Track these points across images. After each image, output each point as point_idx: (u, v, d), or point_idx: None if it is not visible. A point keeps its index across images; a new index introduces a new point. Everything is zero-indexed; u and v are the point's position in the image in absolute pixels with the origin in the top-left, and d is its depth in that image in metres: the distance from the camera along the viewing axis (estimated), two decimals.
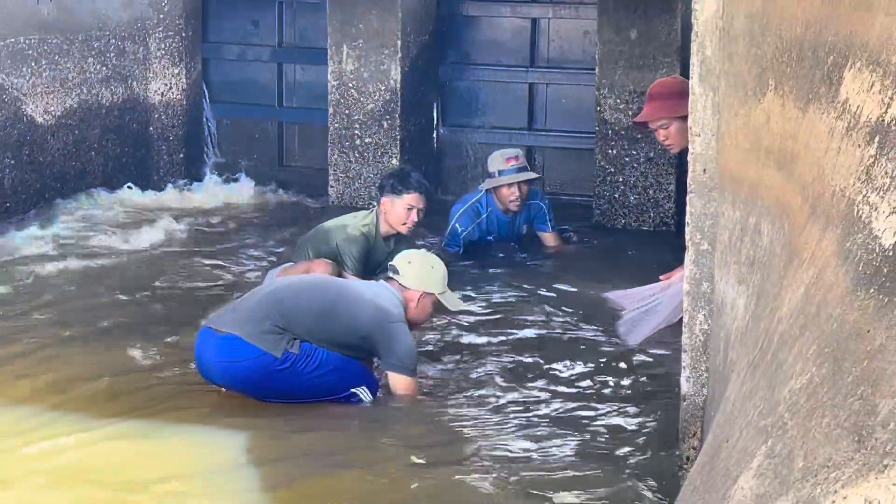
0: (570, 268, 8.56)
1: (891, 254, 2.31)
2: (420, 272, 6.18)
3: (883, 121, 2.56)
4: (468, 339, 7.08)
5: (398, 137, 10.11)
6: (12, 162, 9.45)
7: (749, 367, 3.03)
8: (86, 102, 10.14)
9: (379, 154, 10.14)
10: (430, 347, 6.85)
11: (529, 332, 7.22)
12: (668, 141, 7.13)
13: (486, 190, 8.60)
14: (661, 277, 7.04)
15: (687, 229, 4.60)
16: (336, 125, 10.21)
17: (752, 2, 3.90)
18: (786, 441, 2.37)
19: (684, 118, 6.63)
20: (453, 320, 7.20)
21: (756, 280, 3.58)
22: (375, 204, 7.70)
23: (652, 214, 9.62)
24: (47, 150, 9.80)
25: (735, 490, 2.50)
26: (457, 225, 8.55)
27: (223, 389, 6.03)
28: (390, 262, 6.35)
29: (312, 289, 6.08)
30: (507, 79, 10.47)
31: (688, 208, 4.59)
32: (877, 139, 2.56)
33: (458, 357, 6.77)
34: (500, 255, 8.68)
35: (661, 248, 8.80)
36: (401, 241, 7.46)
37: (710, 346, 4.48)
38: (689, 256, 4.60)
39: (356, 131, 10.17)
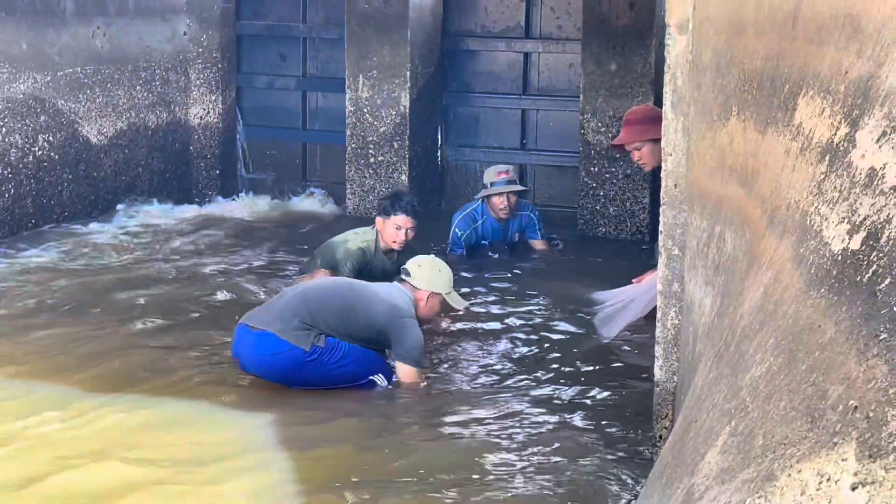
0: (557, 270, 8.56)
1: (839, 258, 2.30)
2: (428, 275, 6.23)
3: (833, 142, 2.56)
4: (469, 330, 7.08)
5: (407, 156, 10.10)
6: (70, 177, 9.45)
7: (715, 358, 3.03)
8: (134, 125, 10.14)
9: (390, 171, 10.14)
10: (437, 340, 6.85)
11: (520, 325, 7.21)
12: (642, 161, 7.22)
13: (481, 199, 8.61)
14: (633, 280, 7.03)
15: (660, 237, 4.59)
16: (353, 145, 10.21)
17: (717, 38, 3.90)
18: (747, 422, 2.37)
19: (655, 141, 6.79)
20: (455, 316, 7.19)
21: (721, 281, 3.57)
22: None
23: (629, 224, 9.61)
24: (100, 166, 9.80)
25: (703, 464, 2.50)
26: (456, 230, 8.56)
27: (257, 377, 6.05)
28: (403, 266, 6.37)
29: (335, 289, 6.10)
30: (503, 105, 10.47)
31: (661, 218, 4.58)
32: (827, 158, 2.56)
33: (458, 348, 6.76)
34: (495, 258, 8.66)
35: (637, 253, 8.81)
36: (403, 254, 7.41)
37: (680, 339, 4.48)
38: (661, 261, 4.59)
39: (370, 151, 10.17)
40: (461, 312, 6.92)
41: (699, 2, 4.27)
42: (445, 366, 6.44)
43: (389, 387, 6.00)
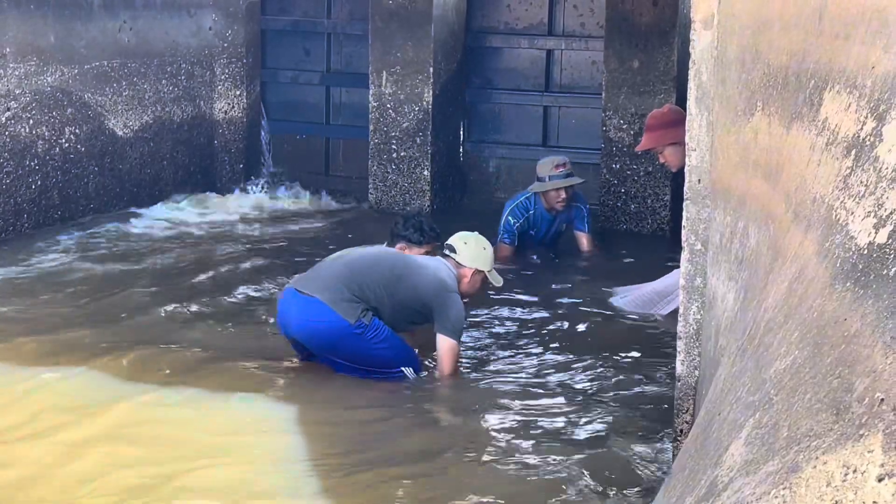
0: (581, 264, 8.56)
1: (865, 251, 2.29)
2: (474, 252, 6.32)
3: (858, 136, 2.55)
4: (503, 318, 7.11)
5: (429, 152, 10.10)
6: (96, 169, 9.49)
7: (738, 351, 3.02)
8: (160, 119, 10.17)
9: (412, 166, 10.14)
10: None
11: (540, 317, 7.22)
12: (666, 162, 7.41)
13: (535, 193, 8.50)
14: None
15: (683, 232, 4.57)
16: (376, 140, 10.22)
17: (743, 34, 3.89)
18: (772, 414, 2.36)
19: (676, 143, 7.00)
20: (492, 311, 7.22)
21: (744, 276, 3.56)
22: (388, 243, 7.38)
23: (650, 221, 9.59)
24: (126, 159, 9.83)
25: (726, 456, 2.49)
26: (509, 217, 8.44)
27: (292, 361, 6.15)
28: (447, 242, 6.44)
29: (382, 259, 6.13)
30: (525, 102, 10.46)
31: (684, 213, 4.57)
32: (853, 152, 2.55)
33: (493, 337, 6.81)
34: (534, 256, 8.62)
35: (658, 249, 8.79)
36: None
37: (702, 334, 4.47)
38: (684, 255, 4.58)
39: (393, 146, 10.17)
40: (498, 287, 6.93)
41: None
42: (465, 361, 6.44)
43: (415, 376, 6.03)
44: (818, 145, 2.83)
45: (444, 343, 6.01)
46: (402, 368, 6.01)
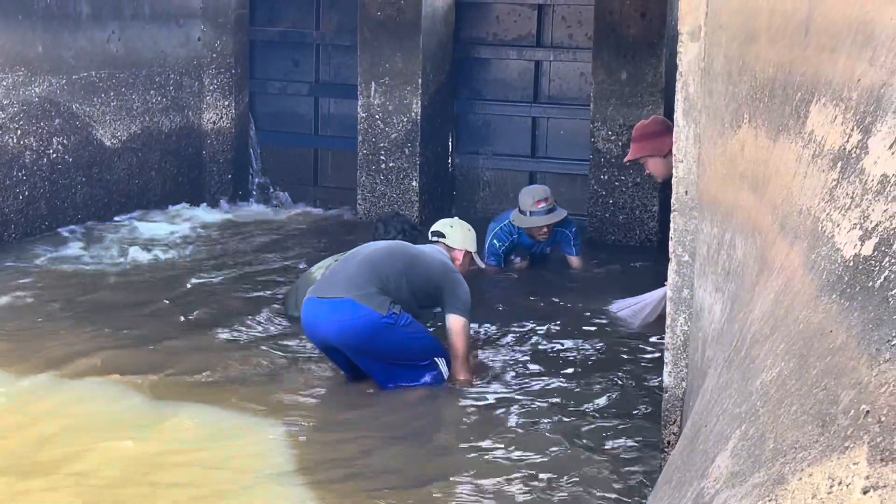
0: (570, 276, 8.57)
1: (851, 264, 2.30)
2: (461, 234, 6.59)
3: (845, 149, 2.55)
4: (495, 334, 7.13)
5: (418, 162, 10.11)
6: (83, 179, 9.47)
7: (725, 363, 3.02)
8: (148, 129, 10.16)
9: (401, 177, 10.15)
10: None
11: (531, 330, 7.21)
12: (652, 172, 7.44)
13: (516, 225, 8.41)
14: None
15: (670, 243, 4.58)
16: (364, 151, 10.22)
17: (730, 46, 3.90)
18: (758, 426, 2.36)
19: (658, 154, 7.11)
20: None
21: (731, 288, 3.57)
22: None
23: (638, 232, 9.60)
24: (114, 169, 9.82)
25: (713, 468, 2.49)
26: (494, 241, 8.40)
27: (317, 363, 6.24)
28: (432, 229, 6.64)
29: (394, 250, 6.22)
30: (513, 113, 10.47)
31: (671, 225, 4.57)
32: (839, 165, 2.55)
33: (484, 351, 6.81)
34: (516, 262, 8.61)
35: (646, 261, 8.81)
36: None
37: (689, 345, 4.47)
38: (672, 267, 4.58)
39: (381, 157, 10.17)
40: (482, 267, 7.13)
41: (711, 9, 4.26)
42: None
43: (447, 378, 6.11)
44: (804, 157, 2.84)
45: (457, 322, 6.11)
46: (436, 360, 6.10)
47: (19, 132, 8.77)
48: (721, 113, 3.93)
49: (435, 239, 6.54)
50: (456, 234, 6.57)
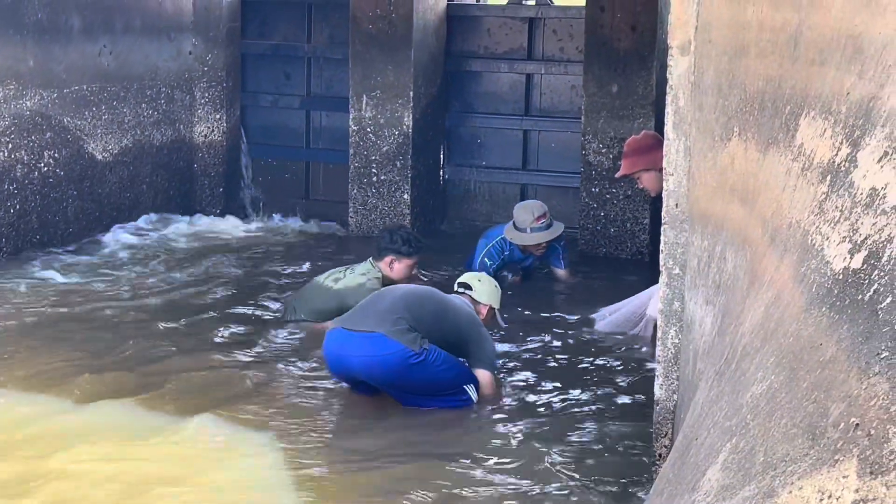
0: (560, 289, 8.57)
1: (841, 277, 2.30)
2: (489, 289, 6.53)
3: (834, 162, 2.56)
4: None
5: (409, 175, 10.12)
6: (75, 193, 9.46)
7: (716, 376, 3.02)
8: (139, 142, 10.16)
9: (393, 189, 10.15)
10: None
11: (521, 343, 7.21)
12: (645, 187, 7.50)
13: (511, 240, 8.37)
14: None
15: (661, 256, 4.59)
16: (356, 164, 10.22)
17: (720, 60, 3.91)
18: (748, 439, 2.36)
19: (651, 169, 7.18)
20: None
21: (722, 300, 3.57)
22: (375, 258, 7.46)
23: (629, 245, 9.61)
24: (105, 183, 9.81)
25: (703, 481, 2.49)
26: (486, 259, 8.34)
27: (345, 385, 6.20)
28: (459, 280, 6.60)
29: (427, 296, 6.24)
30: (505, 126, 10.48)
31: (662, 238, 4.58)
32: (828, 178, 2.56)
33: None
34: (508, 280, 8.60)
35: (637, 273, 8.81)
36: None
37: (680, 358, 4.47)
38: (662, 280, 4.59)
39: (373, 169, 10.18)
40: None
41: (701, 23, 4.28)
42: None
43: (475, 401, 6.11)
44: (794, 170, 2.85)
45: (485, 376, 6.17)
46: (465, 387, 6.10)
47: (10, 146, 8.76)
48: (711, 126, 3.94)
49: (461, 290, 6.47)
50: (483, 288, 6.50)
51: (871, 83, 2.50)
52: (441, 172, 10.65)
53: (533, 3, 10.45)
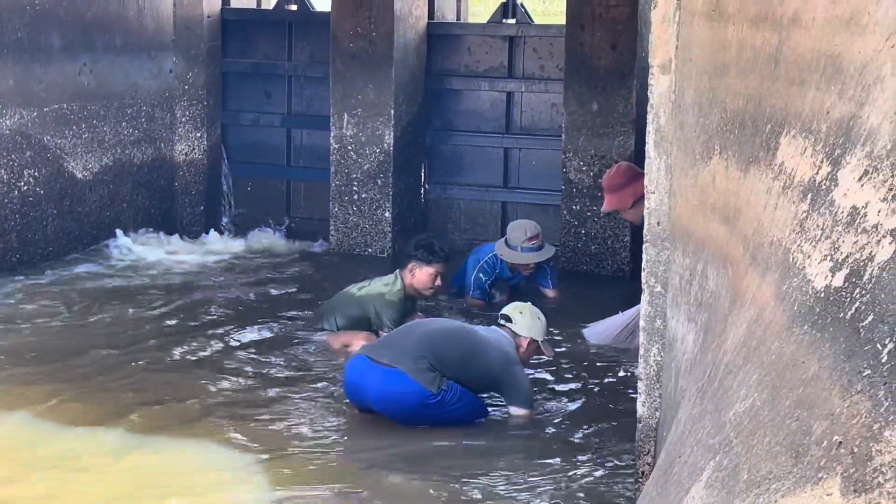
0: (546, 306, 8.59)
1: (822, 295, 2.31)
2: (530, 322, 6.37)
3: (815, 181, 2.58)
4: None
5: (390, 193, 10.12)
6: (55, 212, 9.43)
7: (698, 394, 3.03)
8: (119, 161, 10.13)
9: (374, 207, 10.15)
10: None
11: None
12: (629, 219, 7.65)
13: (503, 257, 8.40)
14: None
15: (643, 274, 4.60)
16: (337, 182, 10.22)
17: (700, 78, 3.93)
18: (732, 457, 2.37)
19: (625, 207, 7.28)
20: None
21: (703, 318, 3.58)
22: (399, 270, 7.56)
23: (610, 262, 9.63)
24: (85, 202, 9.78)
25: (687, 499, 2.50)
26: (480, 275, 8.36)
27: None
28: (502, 311, 6.48)
29: (455, 334, 6.21)
30: (486, 143, 10.49)
31: (644, 256, 4.59)
32: (809, 196, 2.58)
33: None
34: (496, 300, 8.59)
35: (618, 290, 8.83)
36: (416, 298, 7.65)
37: (662, 376, 4.48)
38: (644, 297, 4.60)
39: (354, 187, 10.18)
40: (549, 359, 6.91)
41: (682, 42, 4.30)
42: None
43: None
44: (775, 189, 2.86)
45: (521, 413, 6.17)
46: (477, 421, 6.13)
47: None
48: (692, 144, 3.95)
49: (502, 322, 6.37)
50: (524, 321, 6.35)
51: (850, 102, 2.52)
52: (422, 190, 10.65)
53: (513, 21, 10.48)
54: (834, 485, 1.95)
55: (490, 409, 6.24)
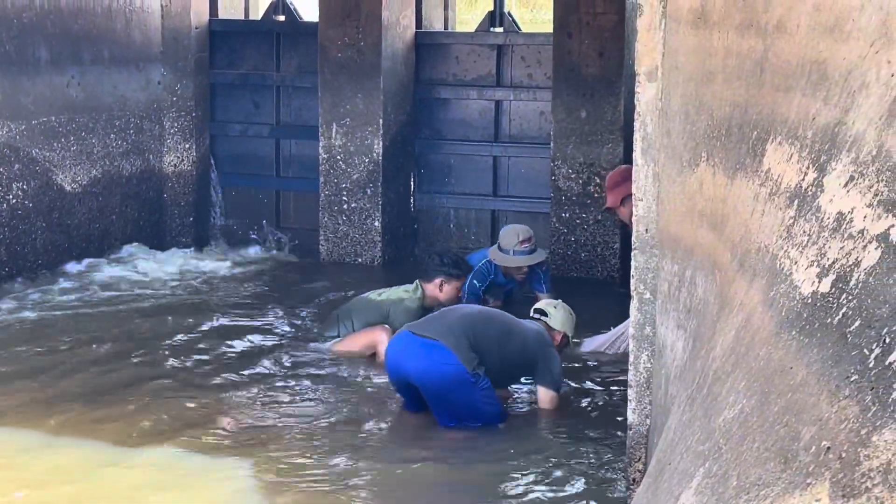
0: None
1: (809, 300, 2.32)
2: (563, 316, 6.69)
3: (801, 187, 2.58)
4: None
5: (380, 203, 10.12)
6: (44, 224, 9.41)
7: (688, 400, 3.04)
8: (108, 173, 10.12)
9: (363, 217, 10.15)
10: None
11: None
12: (624, 218, 7.74)
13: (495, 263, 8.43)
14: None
15: (632, 281, 4.61)
16: (326, 192, 10.23)
17: (686, 86, 3.94)
18: (721, 463, 2.37)
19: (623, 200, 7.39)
20: None
21: (692, 325, 3.59)
22: (423, 280, 7.72)
23: (600, 269, 9.64)
24: (74, 214, 9.77)
25: None
26: (475, 281, 8.32)
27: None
28: (537, 306, 6.78)
29: (491, 316, 6.42)
30: (474, 152, 10.50)
31: (633, 263, 4.60)
32: (796, 202, 2.58)
33: None
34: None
35: (608, 296, 8.84)
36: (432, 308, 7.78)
37: (652, 382, 4.49)
38: (633, 305, 4.61)
39: (343, 197, 10.18)
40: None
41: (668, 50, 4.31)
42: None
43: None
44: (762, 195, 2.87)
45: (547, 395, 6.32)
46: (499, 425, 6.21)
47: None
48: (679, 152, 3.96)
49: (537, 317, 6.62)
50: (558, 315, 6.64)
51: (836, 108, 2.53)
52: (412, 199, 10.66)
53: (501, 30, 10.50)
54: (823, 490, 1.95)
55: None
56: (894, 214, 2.16)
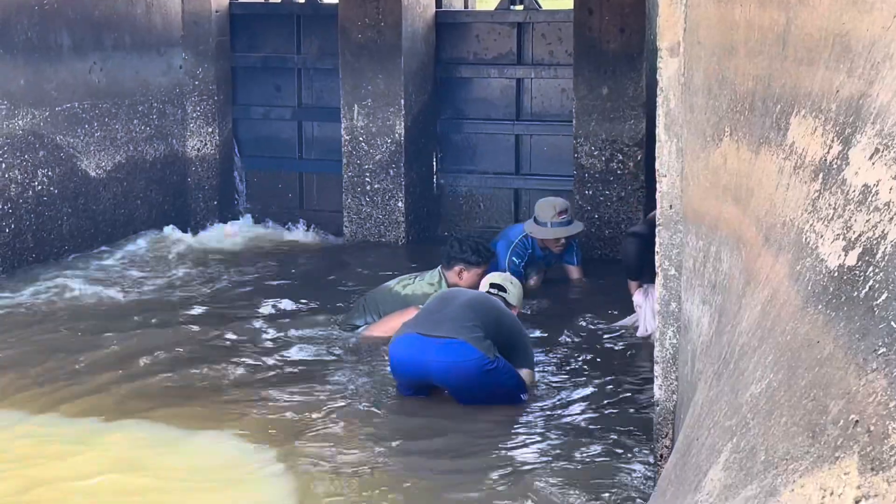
0: (567, 291, 8.62)
1: (836, 274, 2.31)
2: (519, 293, 6.83)
3: (826, 160, 2.57)
4: None
5: (403, 183, 10.13)
6: (69, 210, 9.46)
7: (714, 376, 3.03)
8: (132, 158, 10.16)
9: (386, 198, 10.16)
10: None
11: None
12: None
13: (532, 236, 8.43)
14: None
15: (657, 257, 4.60)
16: (349, 173, 10.23)
17: (709, 60, 3.92)
18: (749, 438, 2.37)
19: None
20: None
21: (718, 300, 3.58)
22: (444, 267, 7.58)
23: None
24: (99, 199, 9.81)
25: (706, 482, 2.50)
26: (514, 258, 8.35)
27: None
28: (491, 281, 6.80)
29: (490, 303, 6.42)
30: (496, 131, 10.49)
31: (657, 239, 4.59)
32: (821, 176, 2.57)
33: None
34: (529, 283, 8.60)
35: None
36: None
37: (678, 358, 4.48)
38: (659, 281, 4.60)
39: (366, 178, 10.19)
40: None
41: (689, 24, 4.29)
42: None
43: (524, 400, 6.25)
44: (786, 169, 2.86)
45: (529, 375, 6.36)
46: (521, 395, 6.24)
47: (3, 165, 8.76)
48: (702, 127, 3.95)
49: (495, 292, 6.63)
50: (515, 291, 6.75)
51: (860, 80, 2.51)
52: (434, 179, 10.66)
53: (521, 7, 10.47)
54: (851, 463, 1.94)
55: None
56: None
